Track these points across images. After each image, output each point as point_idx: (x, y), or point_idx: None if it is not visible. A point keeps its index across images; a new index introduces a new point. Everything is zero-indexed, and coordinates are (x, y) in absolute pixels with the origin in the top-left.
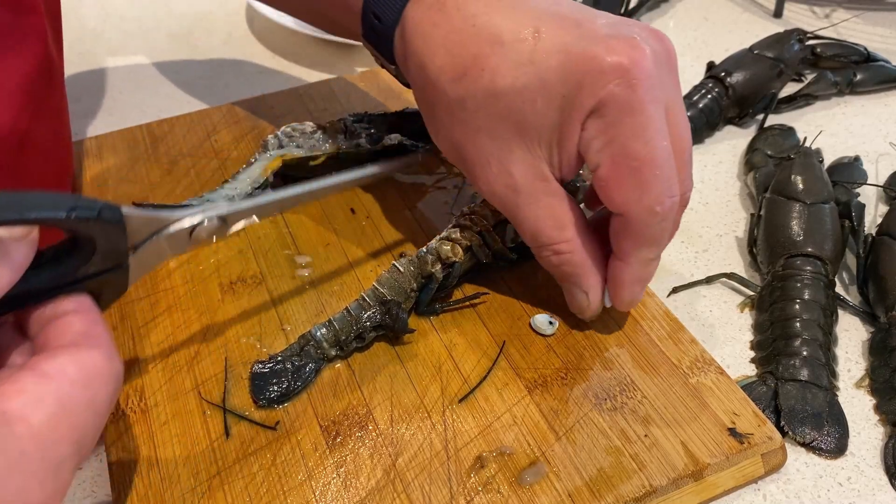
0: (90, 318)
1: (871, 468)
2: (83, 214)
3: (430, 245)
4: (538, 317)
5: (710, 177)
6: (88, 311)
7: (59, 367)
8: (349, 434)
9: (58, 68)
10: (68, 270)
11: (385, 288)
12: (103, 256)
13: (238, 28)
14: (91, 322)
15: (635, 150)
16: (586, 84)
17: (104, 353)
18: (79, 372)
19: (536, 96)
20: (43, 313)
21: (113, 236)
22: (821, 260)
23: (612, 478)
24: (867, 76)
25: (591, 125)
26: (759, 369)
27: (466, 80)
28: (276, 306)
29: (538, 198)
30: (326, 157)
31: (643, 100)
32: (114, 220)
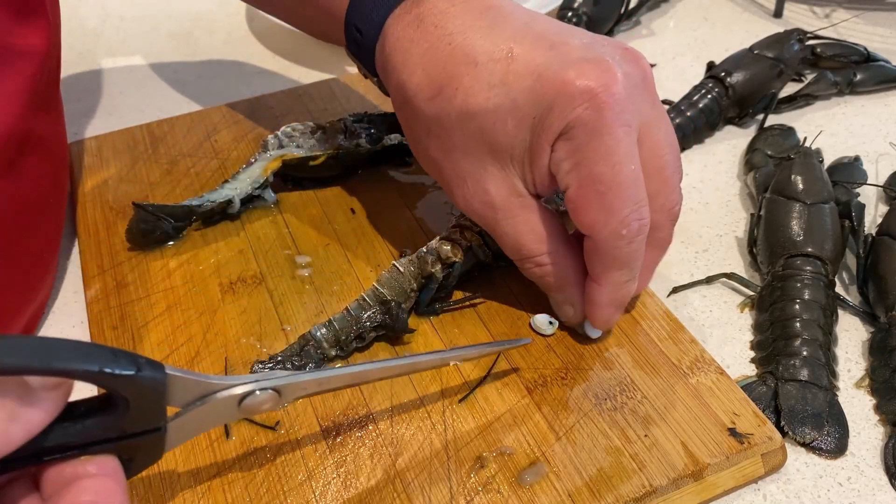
0: (108, 487)
1: (871, 468)
2: (118, 371)
3: (431, 245)
4: (538, 317)
5: (710, 177)
6: (108, 477)
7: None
8: (349, 434)
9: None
10: (100, 429)
11: (385, 288)
12: (138, 417)
13: (238, 28)
14: (107, 491)
15: (601, 173)
16: (556, 107)
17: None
18: None
19: (508, 117)
20: (62, 473)
21: (151, 397)
22: (821, 260)
23: (612, 478)
24: (867, 76)
25: (560, 147)
26: (759, 369)
27: (441, 100)
28: (276, 306)
29: (515, 213)
30: (326, 156)
31: (611, 124)
32: (154, 380)
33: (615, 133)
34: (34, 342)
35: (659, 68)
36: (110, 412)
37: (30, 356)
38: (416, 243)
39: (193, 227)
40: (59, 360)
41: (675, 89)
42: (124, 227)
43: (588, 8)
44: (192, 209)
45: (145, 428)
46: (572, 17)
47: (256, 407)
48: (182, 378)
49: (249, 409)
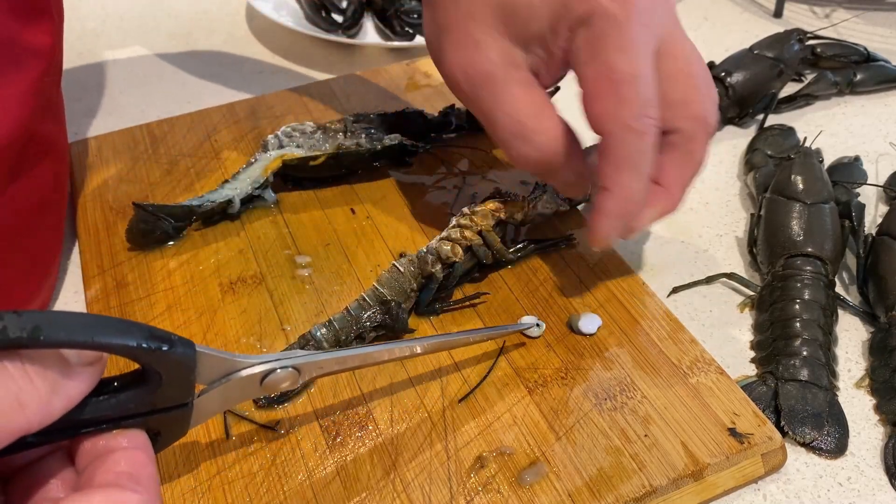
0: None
1: (871, 468)
2: (155, 346)
3: (431, 245)
4: (525, 318)
5: (710, 177)
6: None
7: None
8: (349, 434)
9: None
10: (131, 403)
11: (385, 288)
12: (168, 392)
13: (238, 28)
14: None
15: (617, 64)
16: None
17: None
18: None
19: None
20: (95, 445)
21: (181, 373)
22: (821, 260)
23: (612, 478)
24: (867, 76)
25: (579, 34)
26: (759, 369)
27: None
28: (276, 306)
29: (512, 85)
30: (326, 156)
31: (632, 18)
32: (186, 355)
33: (635, 28)
34: (77, 318)
35: None
36: (142, 387)
37: (75, 331)
38: (416, 243)
39: (193, 227)
40: (100, 334)
41: None
42: (124, 227)
43: None
44: (192, 209)
45: (174, 403)
46: None
47: (276, 384)
48: (209, 355)
49: (270, 386)
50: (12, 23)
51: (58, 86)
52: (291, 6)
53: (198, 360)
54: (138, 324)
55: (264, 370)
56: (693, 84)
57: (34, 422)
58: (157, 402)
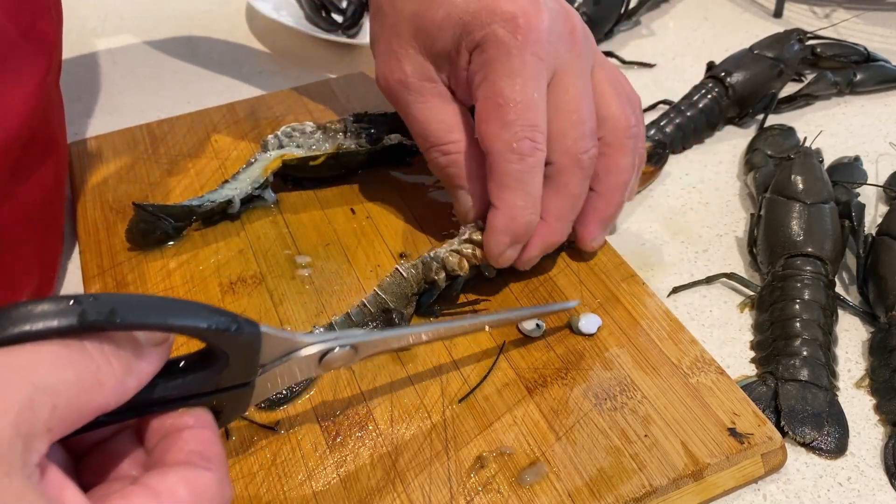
0: (207, 437)
1: (871, 468)
2: (224, 326)
3: (438, 253)
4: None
5: (710, 177)
6: (206, 429)
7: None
8: (349, 434)
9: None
10: (197, 383)
11: (387, 294)
12: (234, 372)
13: (238, 28)
14: (207, 441)
15: (502, 88)
16: (478, 18)
17: (216, 476)
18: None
19: (440, 7)
20: (163, 424)
21: (247, 353)
22: (821, 260)
23: (612, 478)
24: (867, 76)
25: (476, 58)
26: (759, 369)
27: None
28: (276, 306)
29: (426, 98)
30: (326, 156)
31: (522, 47)
32: (251, 336)
33: (524, 56)
34: (150, 300)
35: (659, 68)
36: (209, 367)
37: (148, 313)
38: (416, 243)
39: (193, 227)
40: (172, 316)
41: (675, 89)
42: (124, 227)
43: (588, 8)
44: (192, 209)
45: (238, 382)
46: None
47: (333, 363)
48: (272, 335)
49: (327, 364)
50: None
51: (57, 85)
52: (291, 6)
53: (262, 340)
54: (207, 305)
55: (323, 349)
56: (573, 120)
57: (111, 400)
58: (222, 381)
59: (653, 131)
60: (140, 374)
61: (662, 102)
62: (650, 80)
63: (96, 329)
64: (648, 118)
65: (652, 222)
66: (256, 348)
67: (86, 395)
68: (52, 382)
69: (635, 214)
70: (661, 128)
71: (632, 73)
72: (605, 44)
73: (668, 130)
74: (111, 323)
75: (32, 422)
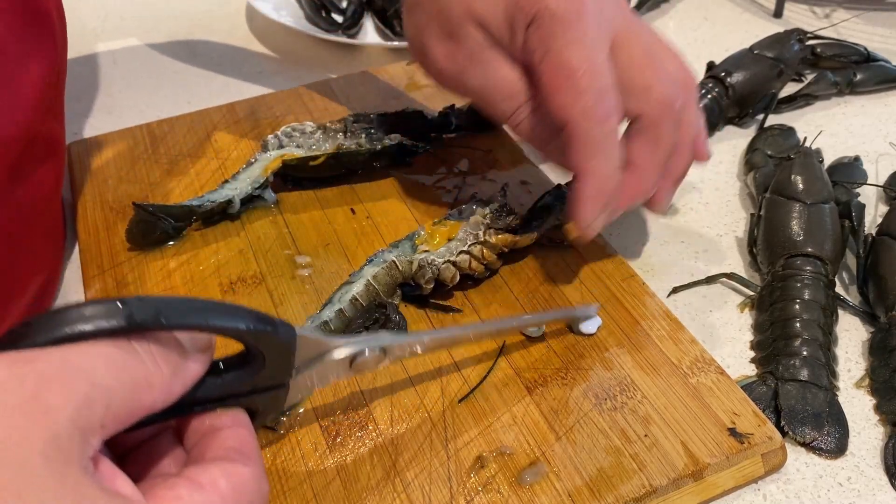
0: (244, 436)
1: (871, 468)
2: (262, 328)
3: (435, 261)
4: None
5: (710, 177)
6: (243, 428)
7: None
8: (349, 434)
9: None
10: (235, 384)
11: (380, 286)
12: (270, 374)
13: (238, 28)
14: (244, 439)
15: (569, 58)
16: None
17: (254, 472)
18: (229, 486)
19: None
20: (202, 424)
21: (283, 354)
22: (821, 260)
23: (612, 478)
24: (867, 76)
25: (531, 35)
26: (759, 369)
27: None
28: (276, 306)
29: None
30: (326, 156)
31: (578, 15)
32: (287, 338)
33: (582, 24)
34: (191, 302)
35: None
36: (246, 368)
37: (190, 314)
38: None
39: (193, 227)
40: (213, 318)
41: None
42: (124, 227)
43: None
44: (192, 209)
45: (273, 383)
46: None
47: (364, 366)
48: (307, 337)
49: (358, 367)
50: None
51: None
52: (291, 6)
53: (297, 343)
54: (246, 307)
55: (354, 351)
56: (654, 70)
57: (158, 401)
58: (258, 382)
59: None
60: (185, 377)
61: None
62: None
63: (143, 329)
64: None
65: (652, 222)
66: (292, 350)
67: (136, 395)
68: (108, 381)
69: (635, 215)
70: None
71: None
72: None
73: None
74: (157, 323)
75: (89, 418)
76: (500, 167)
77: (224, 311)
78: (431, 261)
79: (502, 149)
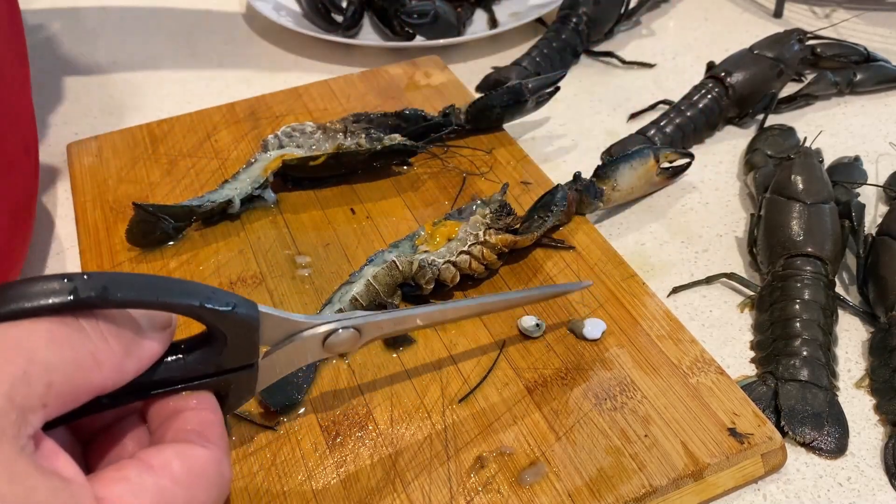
0: (207, 418)
1: (871, 468)
2: (218, 305)
3: (435, 262)
4: (525, 318)
5: (710, 177)
6: (208, 410)
7: (163, 461)
8: (349, 434)
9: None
10: (199, 364)
11: (380, 286)
12: (234, 354)
13: (238, 28)
14: (207, 422)
15: None
16: None
17: (213, 455)
18: (183, 469)
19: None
20: (165, 406)
21: (246, 333)
22: (821, 260)
23: (612, 478)
24: (867, 76)
25: None
26: (759, 369)
27: None
28: (277, 306)
29: None
30: (326, 156)
31: None
32: (249, 316)
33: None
34: (143, 278)
35: (659, 68)
36: (209, 348)
37: (142, 290)
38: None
39: (193, 227)
40: (165, 294)
41: (675, 89)
42: (124, 227)
43: (588, 8)
44: (192, 209)
45: (240, 364)
46: (572, 17)
47: (338, 345)
48: (272, 316)
49: (332, 347)
50: None
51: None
52: (291, 6)
53: (261, 321)
54: (201, 284)
55: (326, 330)
56: None
57: (109, 381)
58: (223, 363)
59: (653, 131)
60: (141, 356)
61: (662, 102)
62: (650, 80)
63: (91, 306)
64: (648, 118)
65: (652, 222)
66: (255, 328)
67: (83, 373)
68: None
69: (635, 215)
70: (660, 128)
71: (632, 73)
72: (605, 44)
73: (668, 130)
74: (105, 300)
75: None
76: (500, 167)
77: (178, 287)
78: (431, 261)
79: (502, 149)
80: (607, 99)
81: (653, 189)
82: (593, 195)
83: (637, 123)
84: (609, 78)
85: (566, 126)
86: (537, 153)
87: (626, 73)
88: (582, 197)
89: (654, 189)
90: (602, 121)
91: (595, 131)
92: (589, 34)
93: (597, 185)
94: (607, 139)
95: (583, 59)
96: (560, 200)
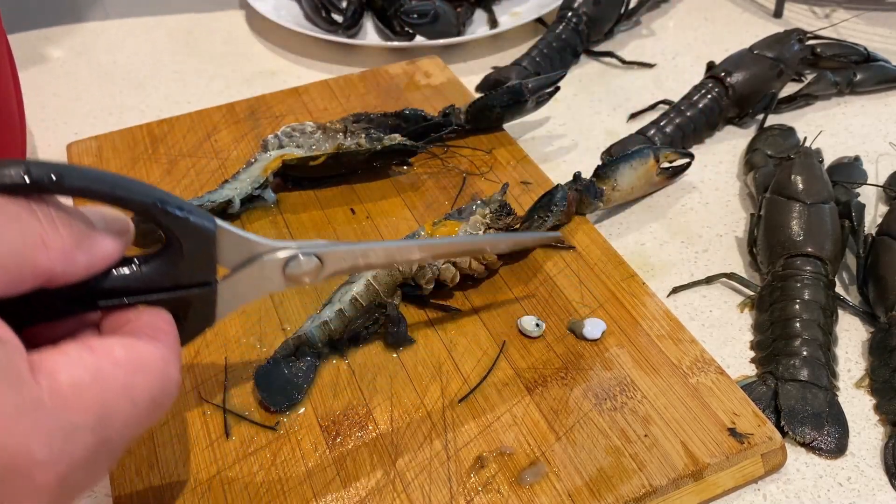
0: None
1: (871, 468)
2: (173, 209)
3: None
4: (525, 318)
5: (710, 177)
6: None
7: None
8: (349, 434)
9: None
10: (156, 275)
11: (381, 286)
12: (191, 266)
13: (238, 28)
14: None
15: None
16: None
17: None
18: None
19: None
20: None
21: (203, 244)
22: (821, 260)
23: (612, 478)
24: (867, 76)
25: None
26: (759, 369)
27: None
28: (276, 306)
29: None
30: (326, 156)
31: None
32: (205, 226)
33: None
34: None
35: (659, 68)
36: (166, 259)
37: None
38: None
39: None
40: (122, 189)
41: (675, 89)
42: None
43: (588, 8)
44: None
45: (197, 280)
46: (572, 17)
47: (300, 275)
48: (231, 233)
49: (293, 276)
50: None
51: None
52: (291, 6)
53: (218, 236)
54: (158, 188)
55: (287, 256)
56: None
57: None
58: (180, 277)
59: (653, 131)
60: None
61: (662, 102)
62: (650, 80)
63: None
64: (648, 118)
65: (652, 222)
66: (211, 241)
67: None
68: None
69: (635, 215)
70: (660, 128)
71: (632, 73)
72: (605, 44)
73: (668, 130)
74: (57, 185)
75: None
76: (500, 167)
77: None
78: (430, 263)
79: (502, 149)
80: (607, 99)
81: (653, 189)
82: (593, 195)
83: (637, 123)
84: (609, 78)
85: (566, 126)
86: (537, 153)
87: (626, 73)
88: (582, 197)
89: (654, 189)
90: (602, 121)
91: (595, 131)
92: (589, 34)
93: (597, 185)
94: (607, 139)
95: (583, 59)
96: (560, 200)
